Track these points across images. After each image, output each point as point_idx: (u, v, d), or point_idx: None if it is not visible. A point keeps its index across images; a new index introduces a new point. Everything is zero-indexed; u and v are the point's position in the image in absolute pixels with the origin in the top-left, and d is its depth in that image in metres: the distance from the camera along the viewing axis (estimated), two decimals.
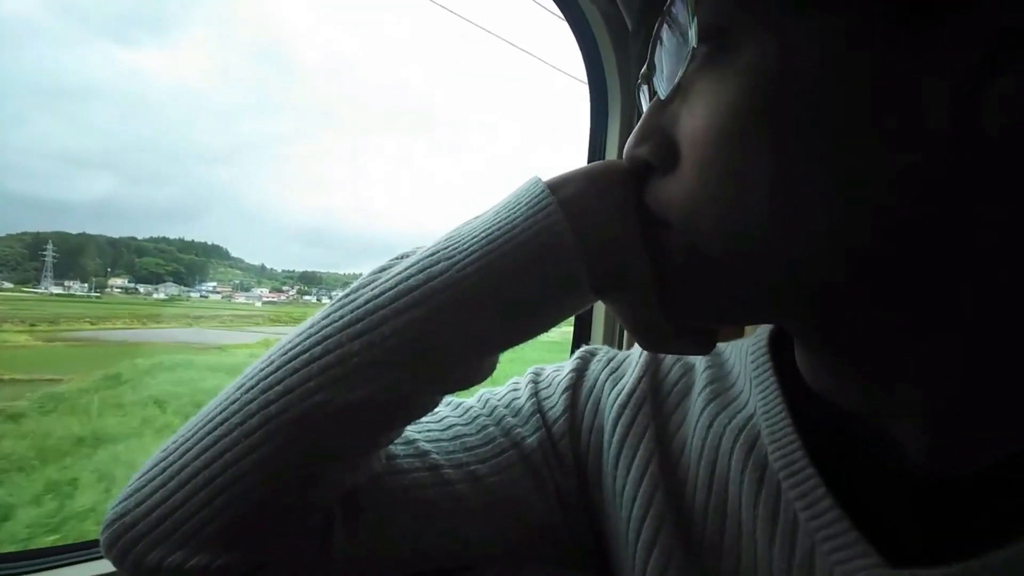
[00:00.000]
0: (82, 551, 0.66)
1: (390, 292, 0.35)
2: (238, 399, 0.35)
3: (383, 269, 0.38)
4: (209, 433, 0.35)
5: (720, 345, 0.47)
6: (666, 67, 0.35)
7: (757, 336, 0.45)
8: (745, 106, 0.30)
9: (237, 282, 3.26)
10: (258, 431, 0.33)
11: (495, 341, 0.37)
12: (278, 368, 0.35)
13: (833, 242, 0.30)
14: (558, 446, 0.47)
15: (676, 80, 0.34)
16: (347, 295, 0.37)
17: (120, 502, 0.35)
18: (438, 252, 0.36)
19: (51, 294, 3.11)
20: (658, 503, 0.41)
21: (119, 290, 3.42)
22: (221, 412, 0.35)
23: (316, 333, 0.35)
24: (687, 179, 0.33)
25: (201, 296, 3.74)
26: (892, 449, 0.35)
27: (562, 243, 0.35)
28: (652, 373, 0.47)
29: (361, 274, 0.40)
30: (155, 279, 3.06)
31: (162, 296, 3.54)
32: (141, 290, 3.52)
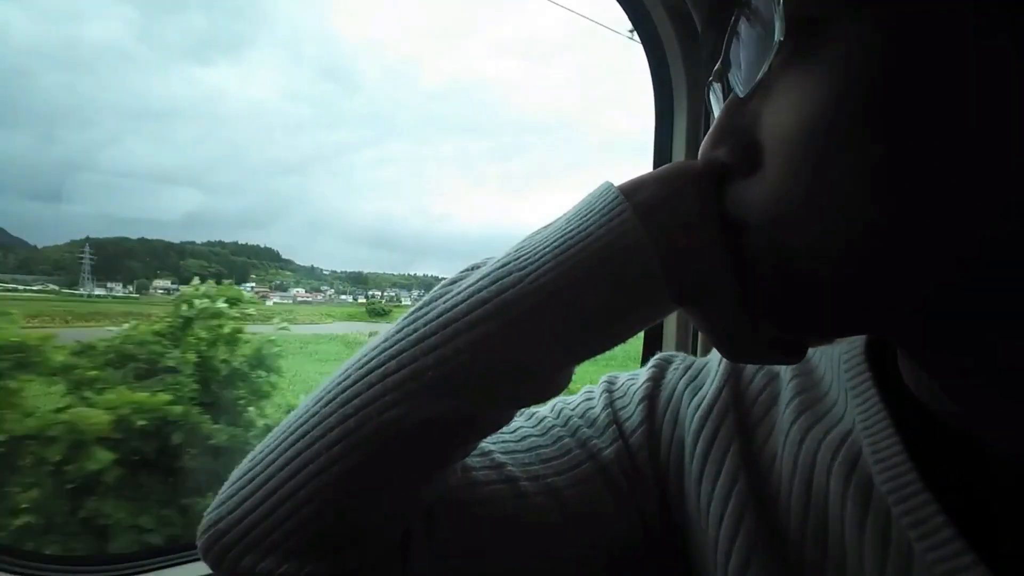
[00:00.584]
0: (186, 552, 0.69)
1: (462, 305, 0.35)
2: (317, 412, 0.36)
3: (455, 281, 0.37)
4: (292, 445, 0.36)
5: (807, 351, 0.43)
6: (744, 63, 0.33)
7: (851, 342, 0.42)
8: (842, 101, 0.28)
9: (278, 282, 3.35)
10: (337, 444, 0.34)
11: (570, 354, 0.36)
12: (355, 382, 0.35)
13: (949, 240, 0.27)
14: (636, 459, 0.45)
15: (758, 76, 0.31)
16: (420, 308, 0.37)
17: (214, 509, 0.37)
18: (509, 263, 0.35)
19: (87, 295, 3.24)
20: (748, 523, 0.39)
21: (162, 291, 3.53)
22: (302, 425, 0.36)
23: (391, 347, 0.35)
24: (773, 180, 0.31)
25: None
26: (1013, 470, 0.32)
27: (639, 251, 0.33)
28: (734, 382, 0.45)
29: (417, 275, 0.39)
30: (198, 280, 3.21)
31: None
32: (181, 290, 3.61)
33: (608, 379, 0.51)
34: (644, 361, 0.53)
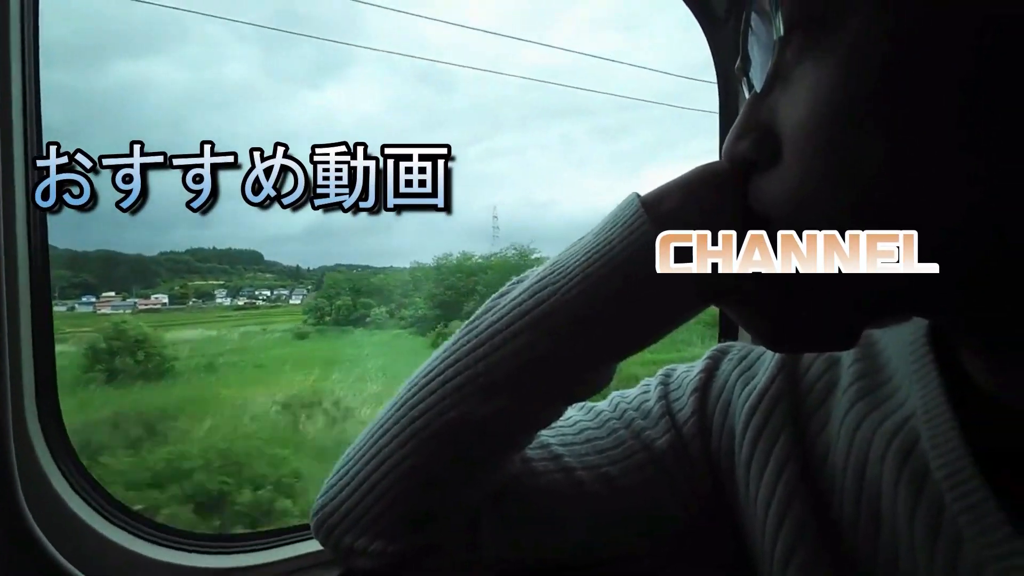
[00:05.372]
0: (300, 532, 0.75)
1: (505, 318, 0.40)
2: (392, 415, 0.42)
3: (502, 295, 0.42)
4: (375, 443, 0.42)
5: (875, 334, 0.43)
6: (759, 58, 0.34)
7: (917, 323, 0.40)
8: (851, 90, 0.28)
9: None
10: (409, 442, 0.40)
11: (605, 356, 0.40)
12: (421, 388, 0.41)
13: (971, 223, 0.27)
14: (689, 449, 0.47)
15: (769, 71, 0.32)
16: (473, 321, 0.42)
17: (321, 495, 0.45)
18: (545, 278, 0.39)
19: None
20: (796, 512, 0.40)
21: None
22: (382, 425, 0.42)
23: (449, 356, 0.41)
24: (790, 172, 0.31)
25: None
26: None
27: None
28: (790, 370, 0.44)
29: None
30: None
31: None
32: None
33: (665, 371, 0.53)
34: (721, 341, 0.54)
